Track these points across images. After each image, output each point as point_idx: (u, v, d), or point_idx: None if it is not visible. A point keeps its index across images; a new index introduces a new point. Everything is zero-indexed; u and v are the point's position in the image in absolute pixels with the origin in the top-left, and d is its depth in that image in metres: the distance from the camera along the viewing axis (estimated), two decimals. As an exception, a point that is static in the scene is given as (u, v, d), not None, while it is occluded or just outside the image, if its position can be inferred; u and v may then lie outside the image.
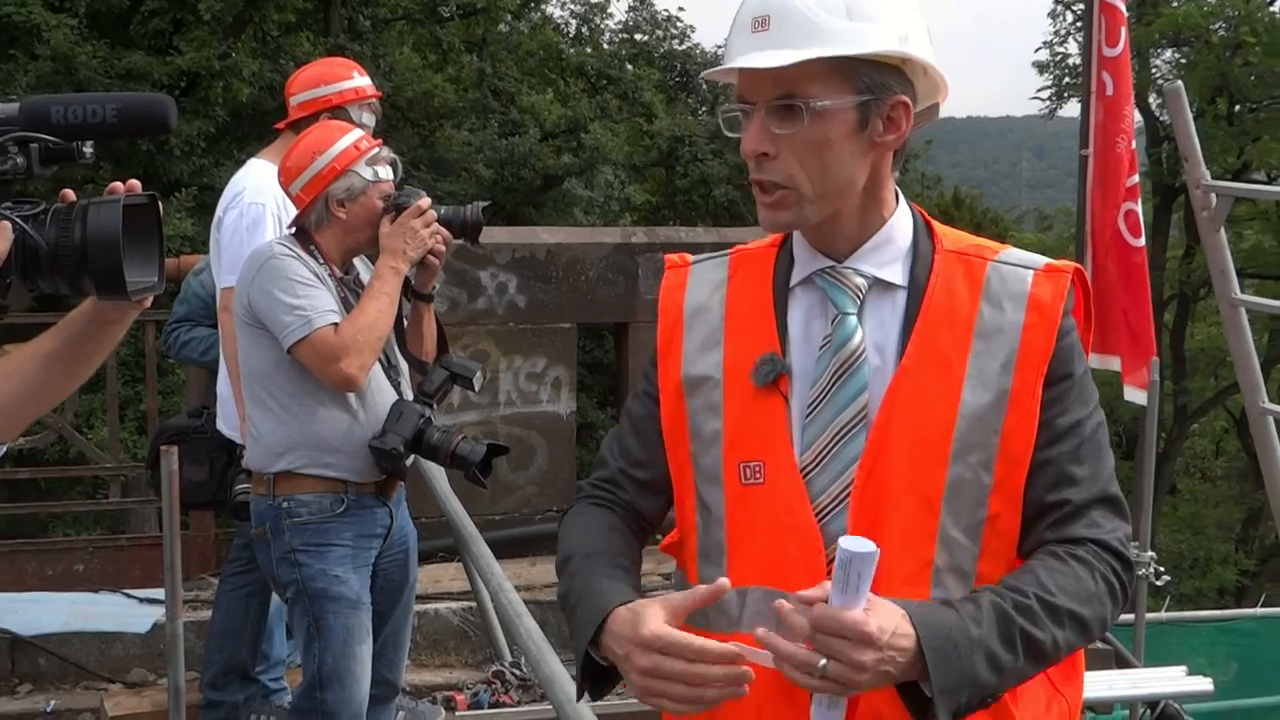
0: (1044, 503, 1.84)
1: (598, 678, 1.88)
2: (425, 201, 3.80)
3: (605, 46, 24.04)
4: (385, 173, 3.80)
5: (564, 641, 5.76)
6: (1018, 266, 1.89)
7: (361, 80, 4.60)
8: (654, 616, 1.75)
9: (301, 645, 3.79)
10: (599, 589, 1.87)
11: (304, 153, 3.75)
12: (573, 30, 24.64)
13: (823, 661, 1.64)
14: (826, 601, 1.66)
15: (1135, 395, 6.66)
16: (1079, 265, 1.93)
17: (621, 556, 1.98)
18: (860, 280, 1.89)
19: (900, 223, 1.93)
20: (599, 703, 2.10)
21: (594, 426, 16.44)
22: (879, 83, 1.82)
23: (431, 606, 5.58)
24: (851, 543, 1.63)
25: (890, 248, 1.91)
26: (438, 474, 4.72)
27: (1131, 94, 6.58)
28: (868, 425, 1.84)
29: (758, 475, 1.88)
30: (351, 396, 3.69)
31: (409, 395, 3.88)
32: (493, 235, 6.58)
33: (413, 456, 3.80)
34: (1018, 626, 1.72)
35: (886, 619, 1.66)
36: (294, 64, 15.37)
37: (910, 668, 1.67)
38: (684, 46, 23.92)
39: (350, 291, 3.78)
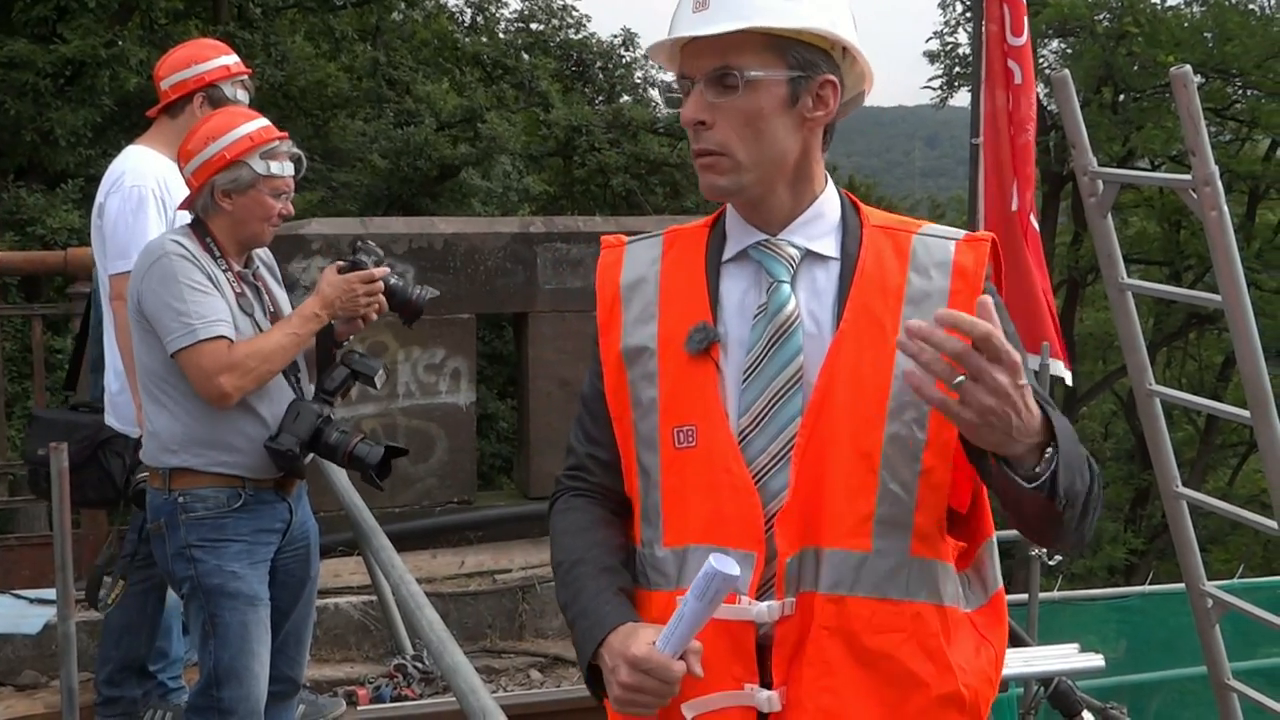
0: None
1: (599, 681, 2.00)
2: (379, 271, 3.79)
3: (501, 35, 23.88)
4: (281, 168, 3.70)
5: (466, 633, 5.78)
6: (940, 238, 2.04)
7: (230, 58, 4.53)
8: (641, 639, 1.89)
9: (198, 642, 3.73)
10: (595, 608, 1.99)
11: (201, 137, 3.68)
12: (467, 19, 24.44)
13: (961, 378, 1.69)
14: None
15: (1064, 371, 6.83)
16: (995, 237, 2.06)
17: (609, 556, 2.07)
18: (793, 251, 2.02)
19: (830, 199, 2.07)
20: (503, 694, 2.16)
21: (494, 418, 16.35)
22: (809, 61, 1.96)
23: (332, 601, 5.52)
24: (720, 561, 1.77)
25: (821, 222, 2.04)
26: (337, 467, 4.67)
27: (1034, 82, 6.72)
28: (804, 386, 1.96)
29: (690, 439, 1.99)
30: (249, 396, 3.62)
31: (310, 390, 3.84)
32: (389, 225, 6.53)
33: (311, 455, 3.75)
34: (1086, 458, 1.87)
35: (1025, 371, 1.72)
36: (183, 53, 15.07)
37: (1028, 432, 1.73)
38: (579, 36, 23.84)
39: (249, 286, 3.72)
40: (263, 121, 3.76)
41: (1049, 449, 1.76)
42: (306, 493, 3.95)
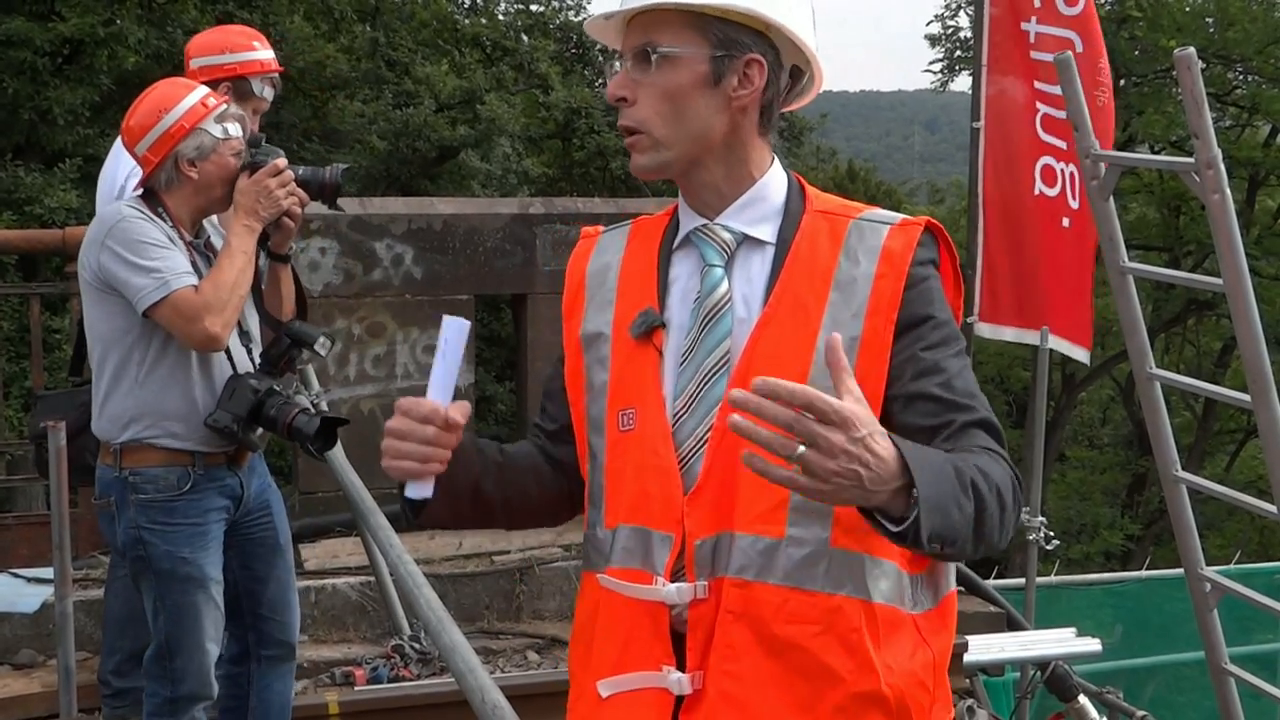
0: (929, 428, 1.90)
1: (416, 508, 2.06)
2: (282, 162, 3.76)
3: (500, 17, 23.82)
4: (235, 130, 3.75)
5: (463, 614, 5.77)
6: (876, 223, 2.01)
7: (265, 53, 4.52)
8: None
9: (149, 614, 3.81)
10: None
11: (149, 111, 3.67)
12: (467, 1, 24.40)
13: (800, 448, 1.59)
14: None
15: (1073, 351, 6.86)
16: (934, 220, 2.03)
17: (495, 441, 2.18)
18: (728, 236, 2.03)
19: (773, 184, 2.06)
20: (501, 675, 2.16)
21: (492, 400, 16.36)
22: (731, 39, 1.96)
23: (329, 582, 5.52)
24: (451, 320, 1.92)
25: (761, 206, 2.04)
26: (336, 447, 4.66)
27: (1103, 49, 6.67)
28: (730, 371, 1.96)
29: (630, 422, 2.02)
30: (197, 368, 3.65)
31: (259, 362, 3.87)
32: (388, 206, 6.51)
33: (258, 429, 3.76)
34: (966, 474, 1.73)
35: (868, 416, 1.62)
36: (182, 31, 15.03)
37: (884, 480, 1.63)
38: (580, 18, 23.79)
39: (200, 255, 3.73)
40: (205, 89, 3.80)
41: (914, 490, 1.63)
42: (300, 472, 3.97)
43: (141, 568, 3.72)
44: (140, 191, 3.74)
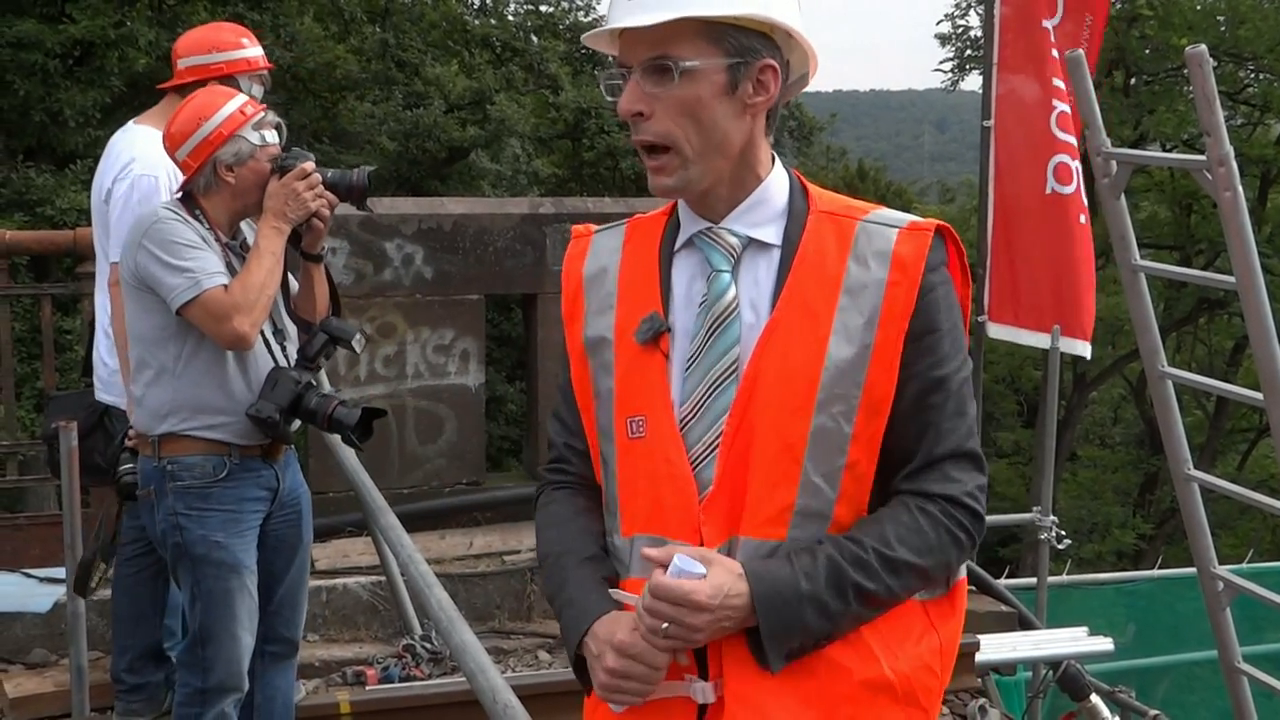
0: (905, 452, 1.96)
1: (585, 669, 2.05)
2: (309, 165, 3.83)
3: (510, 18, 23.86)
4: (271, 136, 3.84)
5: (474, 614, 5.76)
6: (884, 225, 1.99)
7: (253, 50, 4.51)
8: (626, 626, 1.93)
9: (186, 602, 3.89)
10: (580, 597, 2.03)
11: (189, 118, 3.76)
12: (477, 1, 24.42)
13: (663, 625, 1.86)
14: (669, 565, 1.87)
15: (1081, 349, 6.87)
16: (944, 224, 2.02)
17: (591, 545, 2.10)
18: (734, 240, 2.00)
19: (775, 184, 2.03)
20: (512, 674, 2.17)
21: (502, 400, 16.38)
22: (746, 46, 1.92)
23: (340, 581, 5.52)
24: (684, 562, 1.86)
25: (765, 208, 2.01)
26: (345, 447, 4.67)
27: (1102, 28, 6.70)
28: (739, 377, 1.95)
29: (640, 429, 2.00)
30: (233, 363, 3.73)
31: (294, 358, 3.93)
32: (399, 206, 6.50)
33: (295, 421, 3.84)
34: (850, 580, 1.89)
35: (721, 581, 1.86)
36: (192, 33, 15.04)
37: (748, 619, 1.88)
38: (589, 18, 23.82)
39: (236, 257, 3.82)
40: (244, 96, 3.90)
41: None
42: (312, 472, 4.02)
43: (178, 555, 3.79)
44: (179, 194, 3.83)
